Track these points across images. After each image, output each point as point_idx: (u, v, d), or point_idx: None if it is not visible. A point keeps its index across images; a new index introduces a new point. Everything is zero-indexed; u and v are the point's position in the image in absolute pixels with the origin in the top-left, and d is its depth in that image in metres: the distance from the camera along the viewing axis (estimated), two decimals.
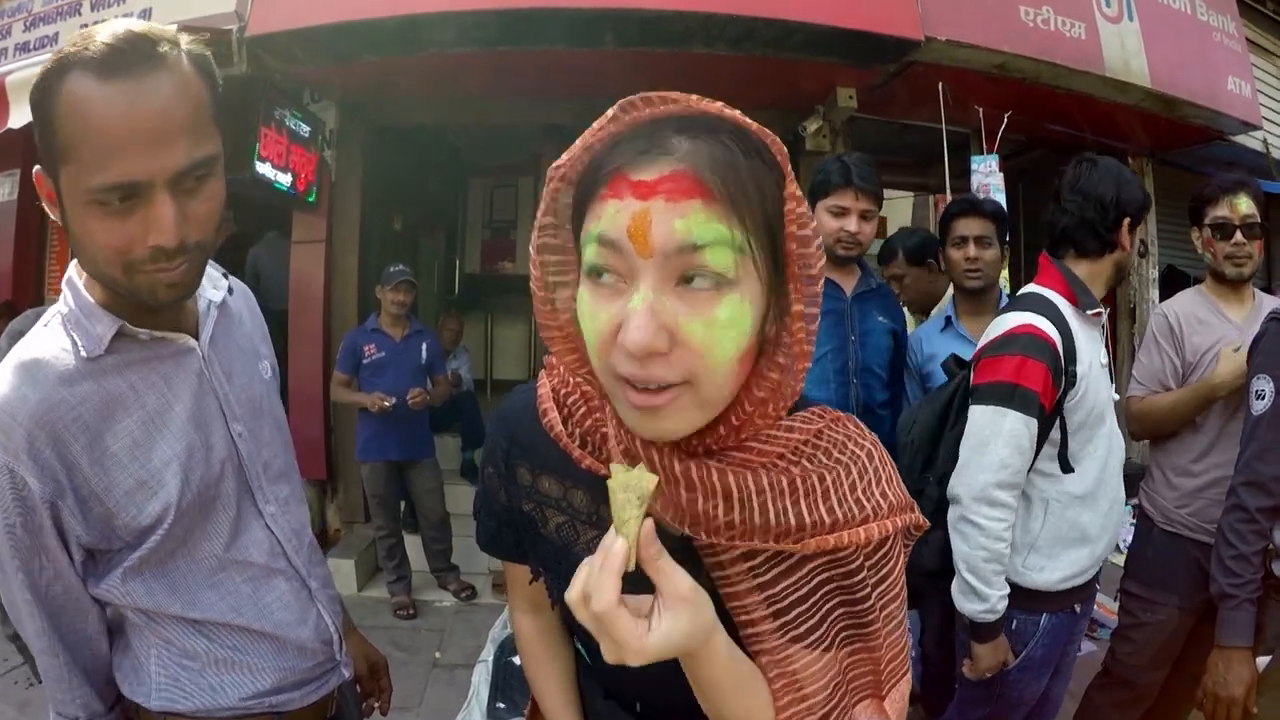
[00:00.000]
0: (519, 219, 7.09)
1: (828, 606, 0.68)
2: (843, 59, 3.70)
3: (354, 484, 4.31)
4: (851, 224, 2.05)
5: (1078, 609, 1.66)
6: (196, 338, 0.91)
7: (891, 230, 3.87)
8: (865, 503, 0.65)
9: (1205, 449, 1.93)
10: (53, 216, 0.81)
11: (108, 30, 0.74)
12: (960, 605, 1.56)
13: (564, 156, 0.61)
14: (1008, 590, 1.54)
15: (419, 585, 3.99)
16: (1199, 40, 4.48)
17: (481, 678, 2.00)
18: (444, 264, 6.39)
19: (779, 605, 0.66)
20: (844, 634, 0.69)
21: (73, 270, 0.86)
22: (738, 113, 0.58)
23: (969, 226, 2.22)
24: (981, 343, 1.66)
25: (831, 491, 0.63)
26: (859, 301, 2.15)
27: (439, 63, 3.72)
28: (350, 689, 1.11)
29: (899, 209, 6.68)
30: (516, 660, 1.73)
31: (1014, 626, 1.60)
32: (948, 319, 2.30)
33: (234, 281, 1.05)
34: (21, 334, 0.87)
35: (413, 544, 4.02)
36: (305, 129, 4.08)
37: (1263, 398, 1.59)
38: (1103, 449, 1.62)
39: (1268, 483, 1.56)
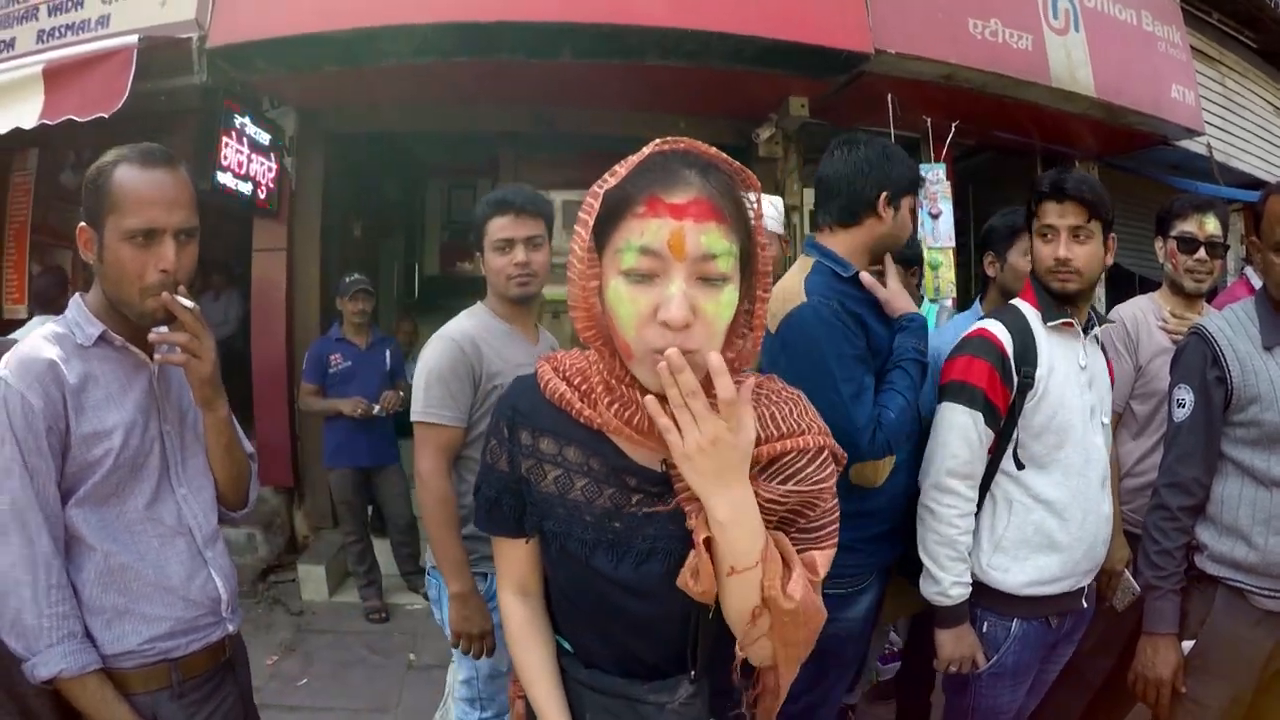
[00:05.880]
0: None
1: (787, 505, 0.89)
2: (795, 71, 3.78)
3: (321, 491, 4.34)
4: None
5: (1053, 622, 1.67)
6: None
7: None
8: (801, 422, 0.91)
9: (1147, 452, 2.06)
10: (85, 259, 1.23)
11: (143, 145, 1.23)
12: (921, 589, 1.63)
13: (609, 182, 0.81)
14: (966, 580, 1.60)
15: (389, 589, 4.05)
16: (1144, 50, 4.61)
17: (456, 676, 2.09)
18: (404, 267, 6.32)
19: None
20: (794, 528, 0.91)
21: (78, 297, 1.28)
22: (725, 155, 0.84)
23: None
24: None
25: (778, 416, 0.91)
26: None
27: (398, 72, 3.74)
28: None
29: None
30: None
31: (985, 630, 1.65)
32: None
33: None
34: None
35: (381, 548, 4.07)
36: (265, 137, 4.07)
37: (1183, 406, 1.68)
38: (1077, 458, 1.63)
39: (1188, 484, 1.64)
